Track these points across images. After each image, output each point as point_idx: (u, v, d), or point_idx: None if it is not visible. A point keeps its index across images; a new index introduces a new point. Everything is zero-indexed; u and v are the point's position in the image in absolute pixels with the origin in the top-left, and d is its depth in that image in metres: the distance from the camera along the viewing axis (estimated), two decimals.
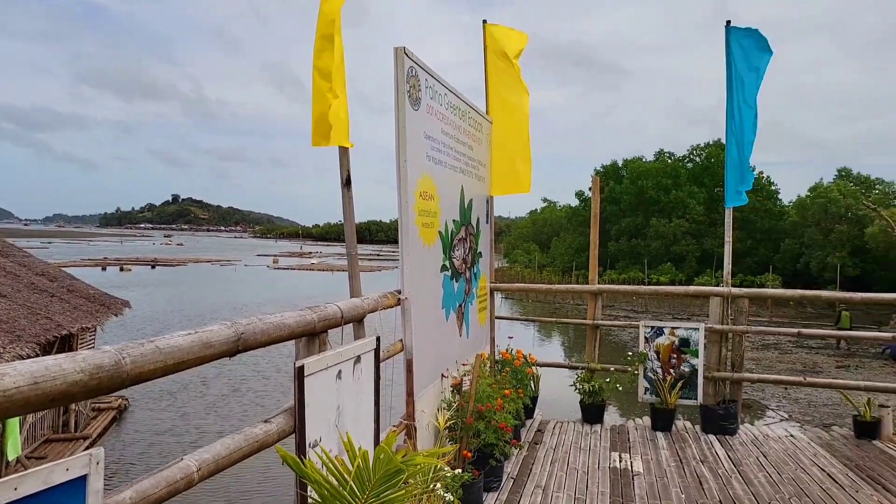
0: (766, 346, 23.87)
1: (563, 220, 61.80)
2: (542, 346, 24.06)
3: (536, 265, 57.38)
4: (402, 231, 4.37)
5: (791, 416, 14.62)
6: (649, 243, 49.98)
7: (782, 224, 47.99)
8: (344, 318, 3.04)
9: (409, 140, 4.37)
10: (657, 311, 34.75)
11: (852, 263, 41.04)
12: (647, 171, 52.42)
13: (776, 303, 33.91)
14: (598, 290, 7.37)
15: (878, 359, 21.06)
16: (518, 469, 5.36)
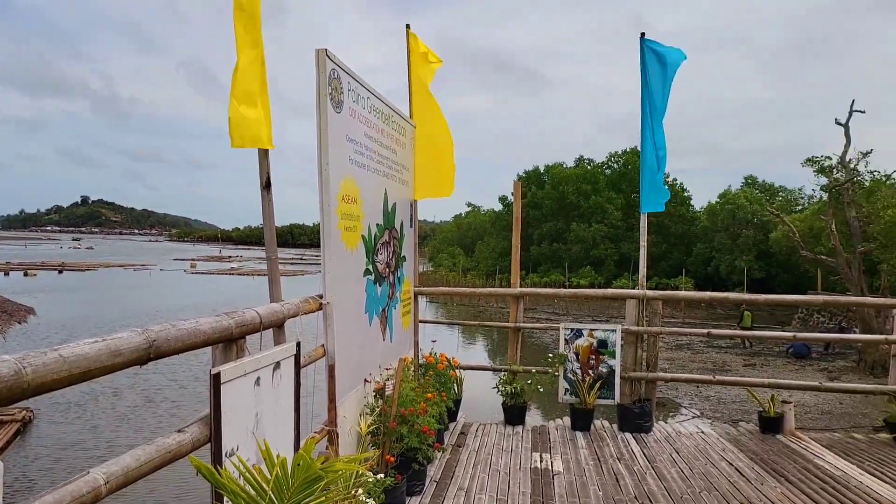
0: (680, 346, 24.84)
1: (487, 225, 62.52)
2: (466, 349, 24.26)
3: (461, 269, 57.83)
4: (324, 235, 4.32)
5: (703, 413, 15.26)
6: (570, 247, 51.18)
7: (694, 229, 50.08)
8: (263, 324, 2.98)
9: (331, 143, 4.33)
10: (578, 314, 35.62)
11: (758, 266, 43.25)
12: (567, 177, 53.70)
13: (688, 304, 35.37)
14: (520, 294, 7.50)
15: (781, 357, 22.26)
16: (441, 472, 5.38)
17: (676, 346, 24.59)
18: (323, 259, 4.34)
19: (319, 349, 4.34)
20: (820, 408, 15.29)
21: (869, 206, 22.84)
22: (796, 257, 29.29)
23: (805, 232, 27.89)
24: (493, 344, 25.59)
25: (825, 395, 15.85)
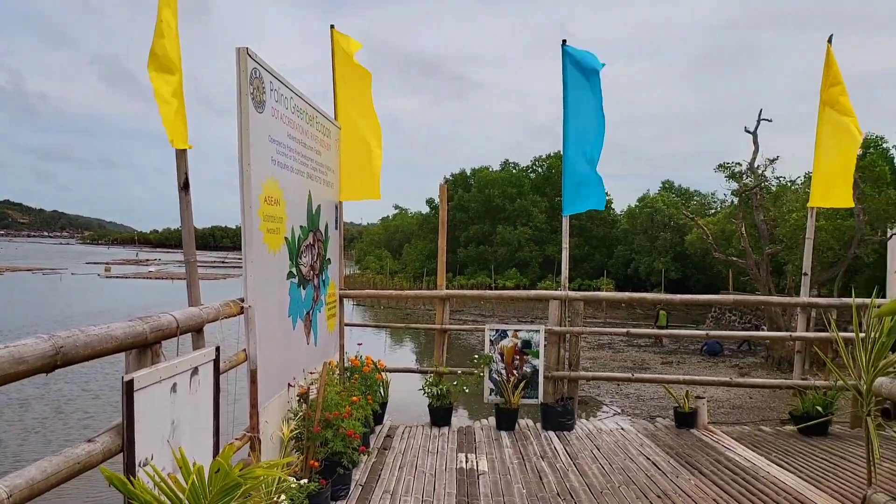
0: (602, 345, 25.51)
1: (414, 227, 62.54)
2: (394, 352, 24.19)
3: (388, 271, 57.63)
4: (245, 237, 4.23)
5: (623, 410, 15.72)
6: (496, 249, 51.81)
7: (615, 232, 51.59)
8: (180, 329, 2.89)
9: (252, 143, 4.24)
10: (504, 315, 36.08)
11: (675, 268, 44.95)
12: (493, 180, 54.36)
13: (610, 305, 36.41)
14: (446, 296, 7.54)
15: (696, 355, 23.17)
16: (367, 476, 5.35)
17: (598, 346, 25.24)
18: (244, 262, 4.25)
19: (241, 354, 4.24)
20: (731, 402, 16.00)
21: (775, 210, 24.09)
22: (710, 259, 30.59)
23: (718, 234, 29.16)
24: (421, 346, 25.62)
25: (736, 391, 16.62)
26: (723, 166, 25.40)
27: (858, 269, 24.55)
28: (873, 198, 19.82)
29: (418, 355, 24.32)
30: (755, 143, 22.15)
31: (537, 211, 52.40)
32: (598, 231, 51.28)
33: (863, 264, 23.57)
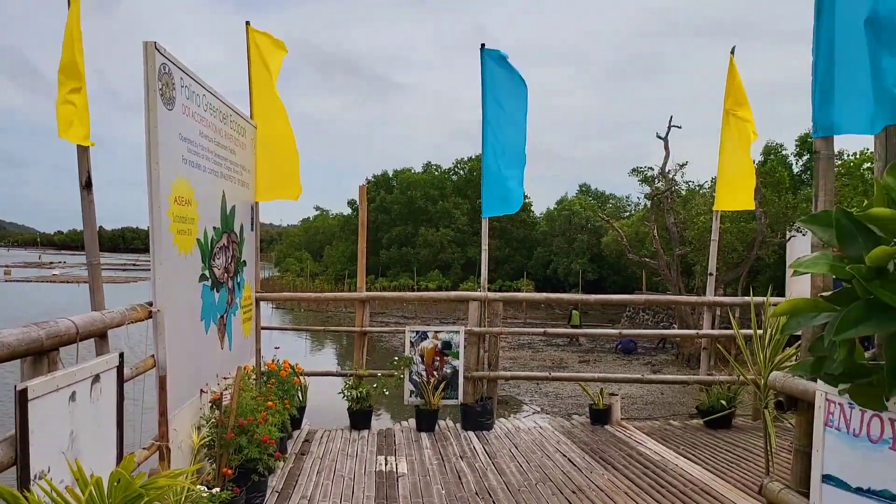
0: (522, 345, 25.94)
1: (335, 229, 61.85)
2: (314, 355, 23.83)
3: (309, 274, 56.74)
4: (153, 238, 4.08)
5: (542, 408, 16.03)
6: (418, 251, 51.87)
7: (535, 234, 52.57)
8: (80, 334, 2.75)
9: (161, 141, 4.10)
10: (426, 317, 36.16)
11: (591, 269, 46.20)
12: (416, 182, 54.42)
13: (529, 305, 37.06)
14: (366, 298, 7.49)
15: (612, 353, 23.90)
16: (283, 482, 5.24)
17: (518, 346, 25.66)
18: (153, 264, 4.10)
19: (149, 360, 4.09)
20: (645, 399, 16.58)
21: (685, 212, 25.14)
22: (624, 260, 31.62)
23: (632, 236, 30.18)
24: (343, 349, 25.35)
25: (649, 387, 17.23)
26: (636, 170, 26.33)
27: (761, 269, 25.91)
28: (773, 202, 20.97)
29: (340, 358, 24.05)
30: (666, 149, 23.07)
31: (459, 213, 52.79)
32: (518, 233, 52.12)
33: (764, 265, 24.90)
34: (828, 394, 2.36)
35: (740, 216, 21.45)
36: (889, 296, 1.75)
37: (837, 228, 1.88)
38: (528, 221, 53.52)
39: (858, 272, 1.77)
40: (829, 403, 2.36)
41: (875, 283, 1.76)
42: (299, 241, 70.77)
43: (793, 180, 24.76)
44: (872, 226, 1.84)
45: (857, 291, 1.82)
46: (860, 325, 1.80)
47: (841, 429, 2.29)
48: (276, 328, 9.25)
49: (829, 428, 2.36)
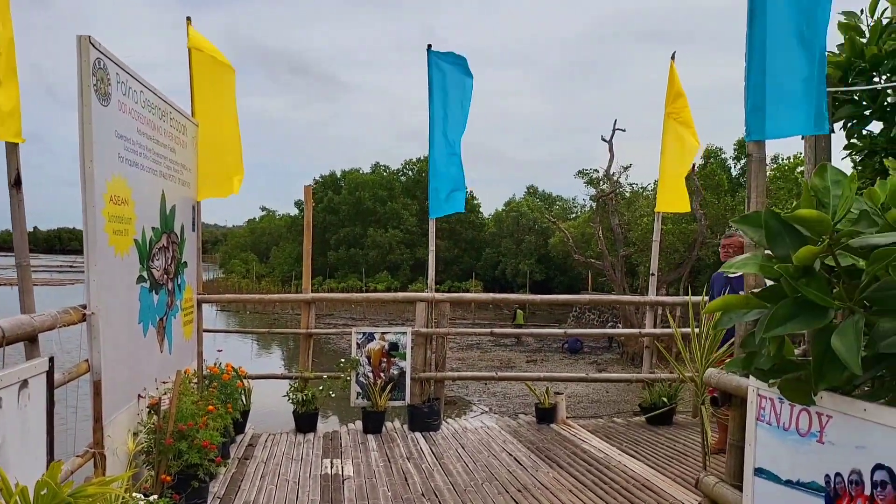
0: (471, 346, 26.07)
1: (282, 230, 61.01)
2: (261, 358, 23.46)
3: (255, 275, 55.82)
4: (87, 239, 3.95)
5: (490, 408, 16.14)
6: (367, 252, 51.60)
7: (483, 235, 52.92)
8: (6, 338, 2.64)
9: (96, 139, 3.97)
10: (375, 318, 35.99)
11: (539, 269, 46.77)
12: (364, 183, 54.13)
13: (478, 306, 37.26)
14: (312, 299, 7.41)
15: (559, 353, 24.23)
16: (226, 487, 5.13)
17: (467, 346, 25.77)
18: (87, 265, 3.96)
19: (83, 364, 3.95)
20: (590, 397, 16.86)
21: (629, 214, 25.70)
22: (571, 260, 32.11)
23: (578, 237, 30.67)
24: (290, 352, 25.01)
25: (595, 386, 17.52)
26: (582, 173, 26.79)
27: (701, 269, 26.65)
28: (713, 204, 21.60)
29: (286, 361, 23.73)
30: (611, 152, 23.52)
31: (408, 214, 52.73)
32: (467, 234, 52.38)
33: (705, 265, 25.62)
34: (759, 389, 2.43)
35: (682, 218, 22.03)
36: (815, 294, 1.81)
37: (766, 229, 1.95)
38: (476, 223, 53.84)
39: (786, 271, 1.83)
40: (761, 398, 2.43)
41: (802, 282, 1.82)
42: (245, 242, 69.56)
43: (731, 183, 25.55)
44: (799, 226, 1.90)
45: (785, 290, 1.88)
46: (788, 322, 1.86)
47: (772, 423, 2.37)
48: (219, 331, 9.06)
49: (760, 422, 2.43)
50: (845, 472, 2.01)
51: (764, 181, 2.86)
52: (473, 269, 50.29)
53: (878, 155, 3.11)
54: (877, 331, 1.78)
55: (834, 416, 2.06)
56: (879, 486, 1.89)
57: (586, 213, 38.49)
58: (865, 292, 1.83)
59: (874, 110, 3.07)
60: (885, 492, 1.87)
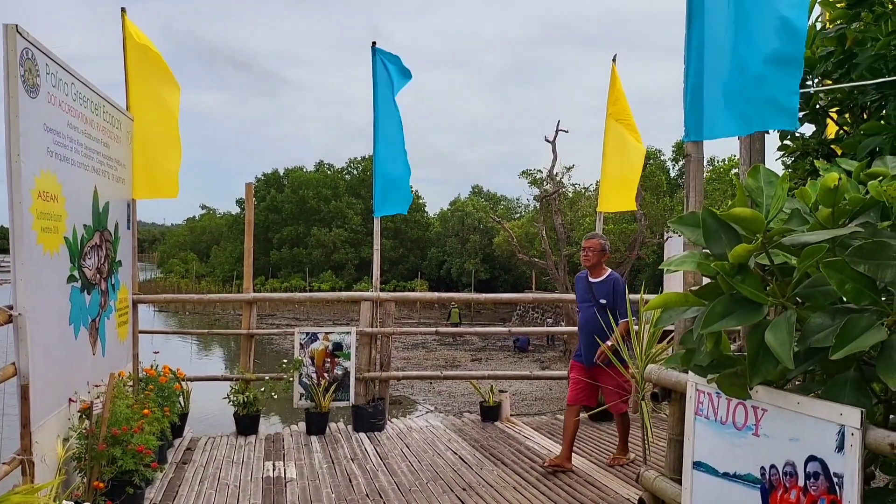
0: (416, 345, 26.05)
1: (223, 229, 59.73)
2: (201, 360, 22.93)
3: (194, 275, 54.50)
4: (13, 236, 3.76)
5: (436, 407, 16.16)
6: (311, 252, 51.00)
7: (429, 234, 52.97)
8: None
9: (23, 131, 3.79)
10: (319, 318, 35.59)
11: (484, 269, 47.09)
12: (307, 181, 53.48)
13: (424, 305, 37.29)
14: (254, 299, 7.26)
15: (504, 351, 24.44)
16: (163, 493, 4.97)
17: (413, 346, 25.74)
18: (13, 264, 3.78)
19: (9, 368, 3.76)
20: (534, 395, 17.06)
21: (572, 214, 26.11)
22: (515, 260, 32.43)
23: (522, 237, 31.00)
24: (231, 353, 24.50)
25: (538, 384, 17.74)
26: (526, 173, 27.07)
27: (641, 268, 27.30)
28: (652, 204, 22.15)
29: (228, 363, 23.24)
30: (554, 152, 23.83)
31: (353, 213, 52.34)
32: (412, 233, 52.32)
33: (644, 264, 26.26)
34: (698, 384, 2.49)
35: (622, 218, 22.52)
36: (749, 290, 1.86)
37: (704, 227, 1.99)
38: (421, 222, 53.85)
39: (722, 269, 1.87)
40: (699, 393, 2.49)
41: (737, 279, 1.87)
42: (184, 241, 67.77)
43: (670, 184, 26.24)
44: (735, 225, 1.95)
45: (721, 287, 1.93)
46: (725, 318, 1.91)
47: (710, 417, 2.43)
48: (157, 332, 8.80)
49: (699, 417, 2.49)
50: (780, 463, 2.07)
51: (702, 181, 2.93)
52: (419, 269, 50.28)
53: (810, 156, 3.23)
54: (808, 326, 1.84)
55: (769, 410, 2.12)
56: (812, 476, 1.95)
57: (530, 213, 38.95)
58: (797, 289, 1.89)
59: (807, 113, 3.19)
60: (817, 482, 1.94)
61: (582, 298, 5.69)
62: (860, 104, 3.20)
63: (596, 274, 5.59)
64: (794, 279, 1.88)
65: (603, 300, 5.46)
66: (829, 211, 1.92)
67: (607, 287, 5.50)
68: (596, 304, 5.48)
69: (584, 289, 5.68)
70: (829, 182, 1.86)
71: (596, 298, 5.51)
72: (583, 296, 5.67)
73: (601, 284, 5.54)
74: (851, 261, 1.74)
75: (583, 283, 5.71)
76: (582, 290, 5.71)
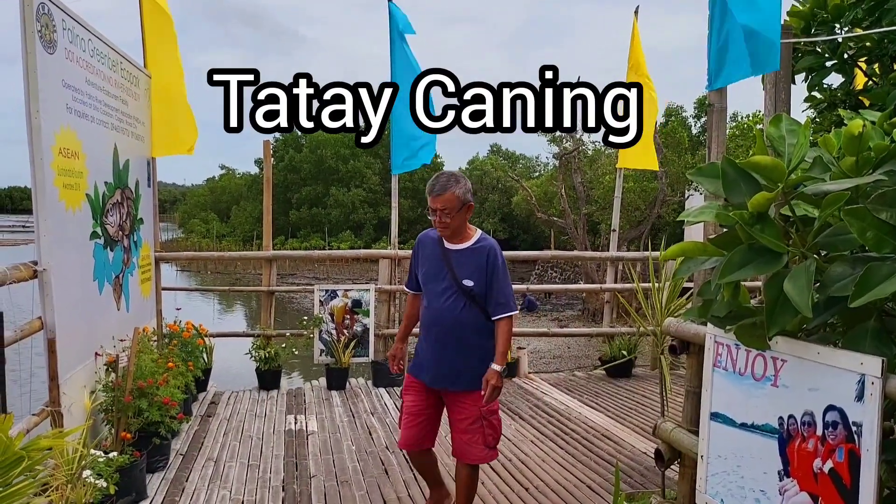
0: None
1: (243, 189, 59.87)
2: (223, 317, 23.24)
3: (215, 235, 54.96)
4: (35, 193, 3.81)
5: None
6: (330, 212, 51.08)
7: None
8: None
9: (42, 88, 3.80)
10: (338, 278, 35.82)
11: (502, 228, 46.98)
12: (326, 141, 53.21)
13: None
14: (272, 257, 7.33)
15: (522, 310, 24.51)
16: (188, 444, 5.11)
17: None
18: (36, 220, 3.83)
19: (36, 322, 3.85)
20: (552, 353, 17.13)
21: (591, 172, 25.84)
22: (534, 219, 32.27)
23: (540, 196, 30.79)
24: (253, 311, 24.77)
25: (557, 342, 17.80)
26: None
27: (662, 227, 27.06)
28: (674, 162, 21.83)
29: (250, 320, 23.55)
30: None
31: (371, 172, 52.19)
32: None
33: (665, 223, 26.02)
34: (716, 336, 2.48)
35: (643, 176, 22.24)
36: (769, 240, 1.84)
37: (723, 177, 1.96)
38: None
39: (741, 218, 1.85)
40: (718, 345, 2.49)
41: (756, 228, 1.84)
42: (205, 201, 68.06)
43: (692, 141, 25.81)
44: (755, 174, 1.92)
45: (740, 236, 1.90)
46: (743, 268, 1.89)
47: (728, 369, 2.43)
48: (179, 289, 8.93)
49: (717, 368, 2.49)
50: (798, 413, 2.07)
51: (725, 132, 2.88)
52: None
53: (837, 108, 3.16)
54: (828, 275, 1.82)
55: (788, 360, 2.11)
56: (831, 426, 1.96)
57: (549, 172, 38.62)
58: (818, 238, 1.86)
59: (834, 63, 3.10)
60: (836, 431, 1.94)
61: (429, 275, 3.47)
62: (890, 53, 3.10)
63: (457, 238, 3.41)
64: (815, 228, 1.85)
65: (468, 281, 3.33)
66: (853, 159, 1.88)
67: (477, 259, 3.36)
68: (456, 286, 3.34)
69: (433, 259, 3.47)
70: (853, 129, 1.82)
71: (456, 277, 3.35)
72: (431, 271, 3.46)
73: (467, 256, 3.38)
74: (873, 208, 1.70)
75: (431, 251, 3.50)
76: (430, 260, 3.49)
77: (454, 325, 3.34)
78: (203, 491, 4.28)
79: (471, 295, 3.32)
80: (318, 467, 4.71)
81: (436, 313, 3.40)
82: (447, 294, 3.36)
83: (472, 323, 3.35)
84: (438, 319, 3.39)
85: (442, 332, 3.39)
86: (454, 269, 3.35)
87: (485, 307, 3.36)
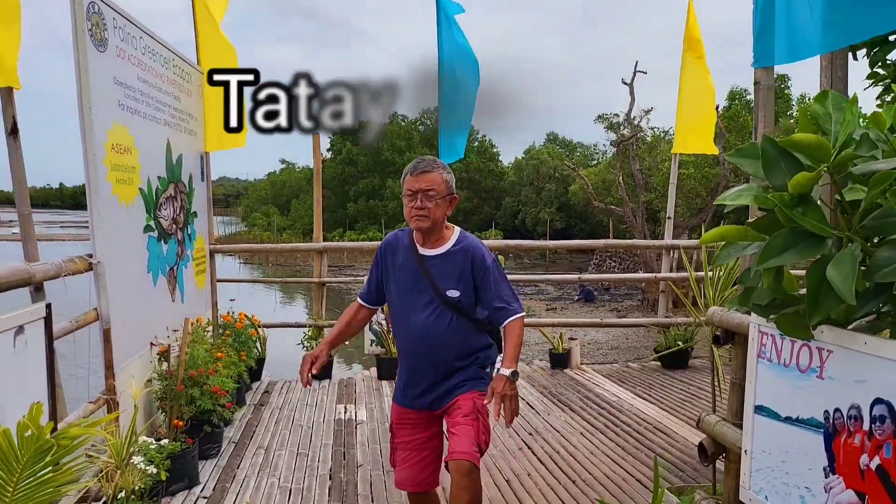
0: None
1: (302, 182, 61.03)
2: (284, 309, 23.77)
3: (276, 228, 56.18)
4: (90, 188, 3.93)
5: None
6: (386, 204, 51.54)
7: (503, 184, 52.50)
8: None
9: (94, 85, 3.92)
10: None
11: (559, 217, 46.45)
12: (382, 133, 53.68)
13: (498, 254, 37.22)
14: (323, 248, 7.43)
15: (580, 301, 24.21)
16: (241, 433, 5.23)
17: None
18: (91, 214, 3.96)
19: (92, 313, 3.99)
20: (609, 343, 16.87)
21: (650, 159, 25.26)
22: (591, 208, 31.80)
23: (598, 184, 30.32)
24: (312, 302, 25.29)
25: (614, 332, 17.52)
26: (602, 117, 26.24)
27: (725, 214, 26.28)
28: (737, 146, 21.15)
29: (310, 312, 24.01)
30: (631, 95, 22.98)
31: None
32: (486, 183, 52.01)
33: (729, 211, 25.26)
34: (760, 326, 2.37)
35: (704, 161, 21.61)
36: (811, 223, 1.73)
37: (763, 157, 1.86)
38: (496, 171, 53.37)
39: (781, 200, 1.75)
40: (762, 335, 2.38)
41: (797, 211, 1.74)
42: (266, 195, 69.74)
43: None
44: (798, 153, 1.81)
45: (780, 220, 1.80)
46: (783, 253, 1.79)
47: (773, 360, 2.31)
48: (230, 280, 9.11)
49: (761, 359, 2.38)
50: (844, 407, 1.96)
51: (772, 111, 2.74)
52: (493, 219, 50.10)
53: None
54: (875, 260, 1.70)
55: (834, 351, 2.00)
56: (878, 420, 1.84)
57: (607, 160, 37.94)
58: (864, 220, 1.74)
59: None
60: (883, 426, 1.82)
61: (404, 289, 2.90)
62: None
63: (433, 239, 2.87)
64: (861, 209, 1.73)
65: (453, 292, 2.82)
66: None
67: (460, 264, 2.83)
68: (439, 300, 2.82)
69: (408, 270, 2.89)
70: None
71: (438, 289, 2.82)
72: (407, 284, 2.89)
73: (448, 261, 2.84)
74: None
75: (405, 259, 2.91)
76: (404, 271, 2.91)
77: (443, 344, 2.81)
78: (253, 478, 4.37)
79: (457, 307, 2.80)
80: (366, 457, 4.75)
81: (419, 333, 2.83)
82: (430, 309, 2.81)
83: (464, 338, 2.85)
84: (424, 339, 2.83)
85: (431, 352, 2.84)
86: (434, 280, 2.80)
87: (474, 316, 2.86)
